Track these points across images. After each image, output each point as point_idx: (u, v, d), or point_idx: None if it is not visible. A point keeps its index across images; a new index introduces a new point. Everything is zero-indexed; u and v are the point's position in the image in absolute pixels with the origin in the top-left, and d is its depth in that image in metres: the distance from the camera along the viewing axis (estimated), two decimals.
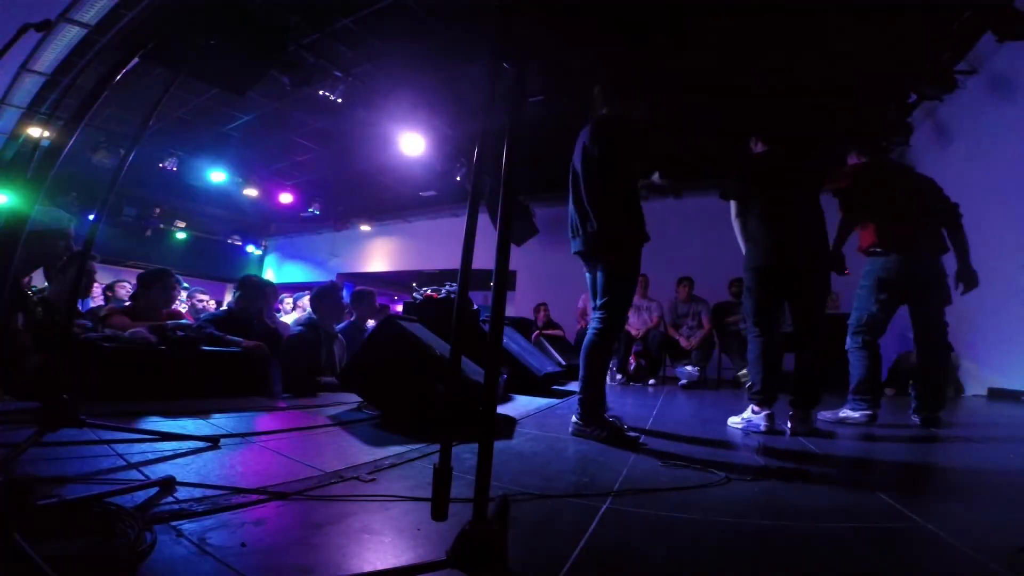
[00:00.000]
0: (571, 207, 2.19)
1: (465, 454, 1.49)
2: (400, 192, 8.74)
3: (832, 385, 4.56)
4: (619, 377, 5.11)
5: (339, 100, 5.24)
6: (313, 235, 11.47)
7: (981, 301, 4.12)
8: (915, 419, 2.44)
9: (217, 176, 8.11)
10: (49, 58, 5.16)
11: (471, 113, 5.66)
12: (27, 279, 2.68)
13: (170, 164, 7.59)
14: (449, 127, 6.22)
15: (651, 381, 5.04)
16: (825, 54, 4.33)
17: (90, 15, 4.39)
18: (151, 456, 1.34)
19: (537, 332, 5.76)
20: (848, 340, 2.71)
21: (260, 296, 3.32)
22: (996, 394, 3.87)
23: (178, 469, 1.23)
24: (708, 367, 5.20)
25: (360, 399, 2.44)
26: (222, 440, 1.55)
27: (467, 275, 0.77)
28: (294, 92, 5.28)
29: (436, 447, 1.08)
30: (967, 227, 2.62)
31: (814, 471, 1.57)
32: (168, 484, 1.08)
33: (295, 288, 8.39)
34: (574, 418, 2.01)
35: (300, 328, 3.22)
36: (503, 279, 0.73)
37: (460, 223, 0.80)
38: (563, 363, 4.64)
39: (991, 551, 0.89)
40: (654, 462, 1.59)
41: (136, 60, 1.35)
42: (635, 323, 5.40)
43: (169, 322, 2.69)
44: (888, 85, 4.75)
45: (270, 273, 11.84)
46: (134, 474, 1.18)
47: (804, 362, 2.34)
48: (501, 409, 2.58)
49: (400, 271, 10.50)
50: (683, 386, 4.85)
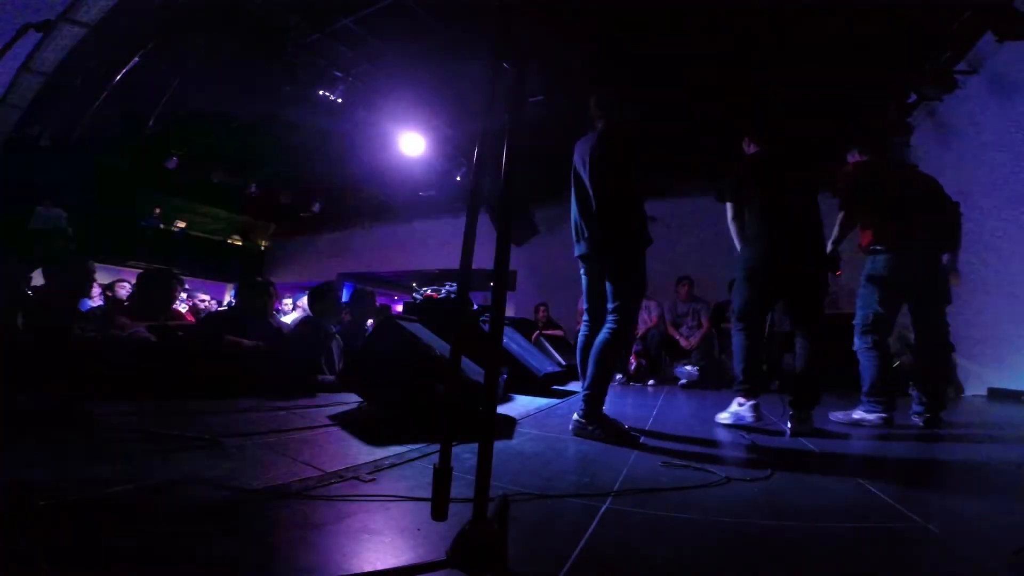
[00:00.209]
0: (575, 212, 2.24)
1: (465, 454, 1.49)
2: (400, 192, 8.74)
3: (832, 385, 4.58)
4: (619, 377, 5.11)
5: (339, 100, 5.24)
6: (313, 235, 11.47)
7: (981, 301, 4.14)
8: (916, 420, 2.43)
9: (220, 175, 8.11)
10: (49, 58, 5.16)
11: (471, 113, 5.66)
12: (27, 278, 2.68)
13: (170, 164, 7.59)
14: (449, 127, 6.22)
15: (651, 381, 5.04)
16: (825, 54, 4.34)
17: (90, 15, 4.39)
18: (151, 456, 1.34)
19: (537, 332, 5.75)
20: (856, 341, 2.65)
21: (261, 296, 3.32)
22: (996, 394, 3.87)
23: (178, 469, 1.23)
24: (708, 367, 5.19)
25: (360, 399, 2.44)
26: (222, 440, 1.55)
27: (467, 275, 0.77)
28: (294, 92, 5.28)
29: (436, 447, 1.08)
30: (966, 226, 2.63)
31: (814, 471, 1.57)
32: (169, 484, 1.08)
33: (295, 288, 8.39)
34: (576, 415, 2.02)
35: (299, 328, 3.20)
36: (503, 279, 0.73)
37: (460, 223, 0.80)
38: (563, 363, 4.64)
39: (991, 551, 0.89)
40: (654, 462, 1.59)
41: (136, 60, 1.35)
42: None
43: (171, 323, 2.69)
44: (888, 85, 4.76)
45: (270, 273, 11.84)
46: (135, 474, 1.18)
47: (803, 362, 2.34)
48: (501, 409, 2.58)
49: (400, 271, 10.50)
50: (683, 386, 4.85)
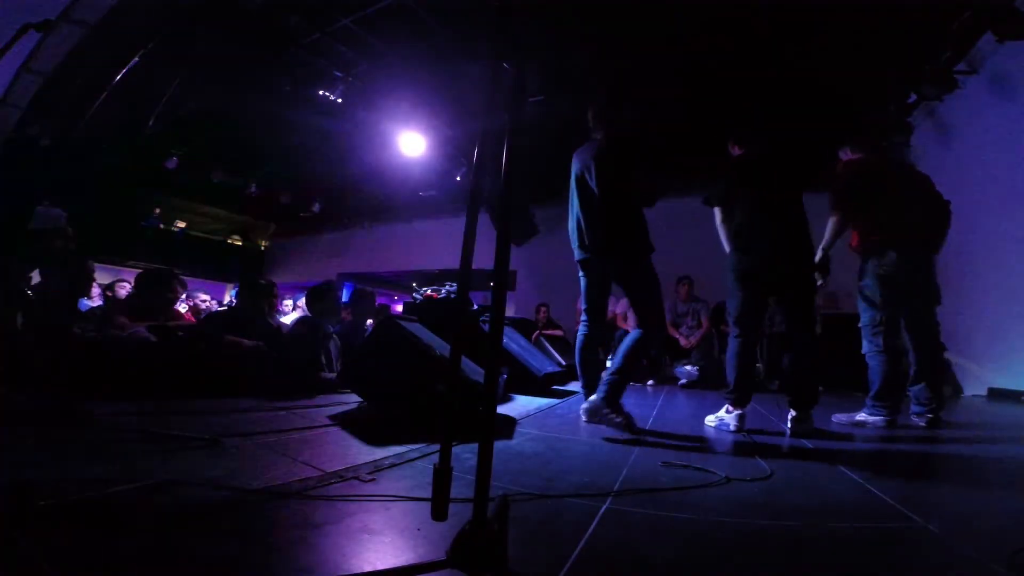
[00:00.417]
0: (579, 217, 2.34)
1: (465, 454, 1.49)
2: (400, 192, 8.74)
3: (833, 386, 4.59)
4: None
5: (339, 100, 5.24)
6: (313, 235, 11.47)
7: (981, 301, 4.14)
8: (916, 420, 2.43)
9: (220, 176, 8.11)
10: (49, 58, 5.16)
11: (471, 113, 5.65)
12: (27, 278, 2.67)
13: (170, 164, 7.59)
14: (449, 127, 6.22)
15: (651, 381, 5.04)
16: (825, 54, 4.34)
17: (90, 15, 4.39)
18: (151, 456, 1.34)
19: (537, 332, 5.75)
20: (865, 344, 2.60)
21: (261, 296, 3.31)
22: (996, 394, 3.87)
23: (178, 469, 1.23)
24: (708, 367, 5.19)
25: (360, 399, 2.44)
26: (222, 440, 1.55)
27: (467, 275, 0.77)
28: (294, 92, 5.28)
29: (436, 447, 1.08)
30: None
31: (814, 471, 1.57)
32: (168, 484, 1.08)
33: (295, 288, 8.40)
34: (594, 397, 2.12)
35: (298, 328, 3.17)
36: (503, 279, 0.73)
37: (460, 223, 0.80)
38: (563, 363, 4.63)
39: (991, 551, 0.89)
40: (654, 462, 1.59)
41: (136, 60, 1.35)
42: (634, 322, 5.40)
43: (171, 323, 2.69)
44: (888, 85, 4.75)
45: (270, 273, 11.84)
46: (134, 474, 1.18)
47: (799, 362, 2.34)
48: (501, 409, 2.58)
49: (400, 271, 10.49)
50: (683, 385, 4.85)
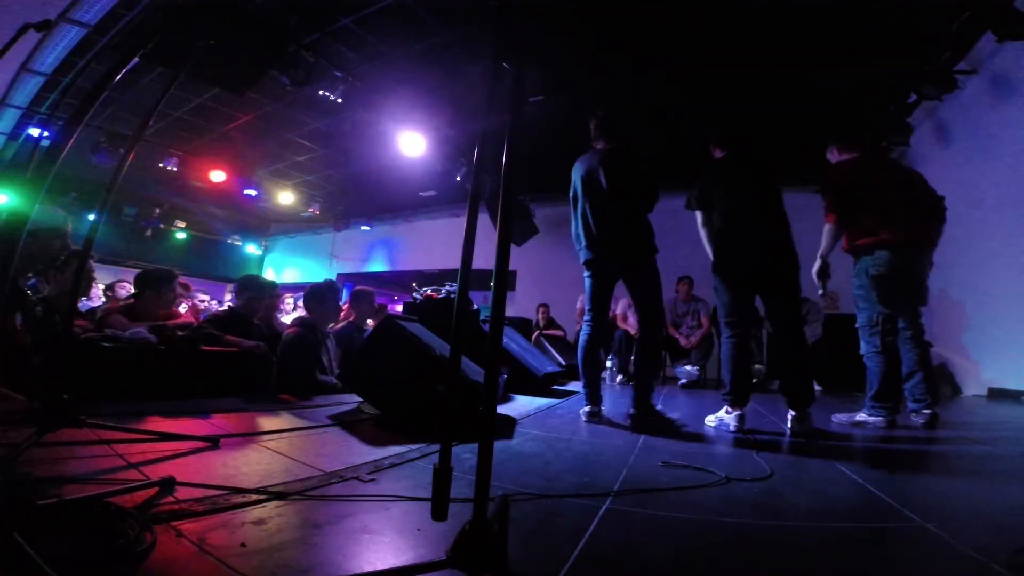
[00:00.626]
0: (587, 220, 2.44)
1: (465, 454, 1.49)
2: (400, 192, 8.74)
3: (833, 386, 4.58)
4: (620, 378, 5.11)
5: (339, 100, 5.24)
6: (313, 235, 11.47)
7: (981, 301, 4.14)
8: (915, 419, 2.43)
9: (217, 176, 8.11)
10: (49, 58, 5.16)
11: (471, 113, 5.65)
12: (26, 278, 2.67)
13: (170, 164, 7.58)
14: (449, 127, 6.22)
15: None
16: (825, 54, 4.34)
17: (90, 15, 4.39)
18: (151, 456, 1.34)
19: (537, 332, 5.76)
20: (863, 345, 2.58)
21: (261, 295, 3.30)
22: (996, 394, 3.87)
23: (178, 469, 1.22)
24: (707, 366, 5.20)
25: (360, 399, 2.44)
26: (222, 440, 1.55)
27: (467, 275, 0.77)
28: (294, 92, 5.28)
29: (436, 447, 1.08)
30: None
31: (814, 471, 1.57)
32: (168, 484, 1.08)
33: (295, 288, 8.40)
34: (632, 409, 2.37)
35: (298, 329, 3.11)
36: (503, 279, 0.73)
37: (460, 223, 0.80)
38: (563, 363, 4.64)
39: (991, 551, 0.88)
40: (654, 462, 1.59)
41: (136, 60, 1.35)
42: (635, 322, 5.40)
43: (171, 322, 2.69)
44: (888, 85, 4.75)
45: (270, 273, 11.84)
46: (134, 474, 1.18)
47: (791, 361, 2.34)
48: (501, 409, 2.59)
49: (400, 271, 10.50)
50: (683, 385, 4.85)
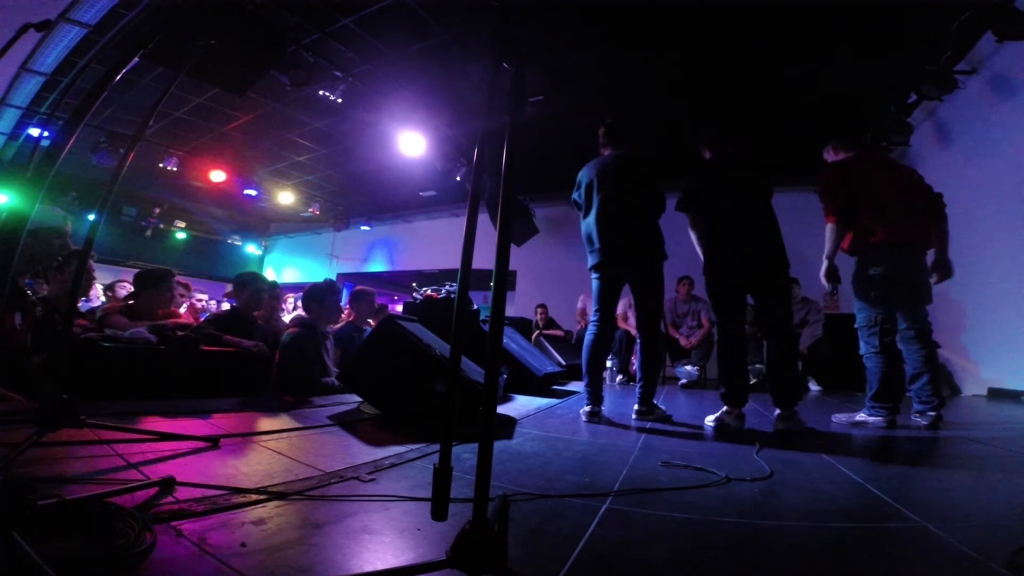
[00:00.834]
0: (599, 225, 2.54)
1: (465, 454, 1.49)
2: (400, 192, 8.74)
3: (832, 386, 4.58)
4: (620, 378, 5.11)
5: (339, 100, 5.24)
6: (313, 235, 11.48)
7: (981, 301, 4.14)
8: (917, 419, 2.43)
9: (217, 176, 8.11)
10: (49, 58, 5.17)
11: (471, 113, 5.65)
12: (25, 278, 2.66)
13: (170, 164, 7.58)
14: (449, 127, 6.22)
15: None
16: (825, 54, 4.34)
17: (90, 15, 4.39)
18: (151, 456, 1.34)
19: (537, 332, 5.76)
20: (862, 345, 2.57)
21: (260, 291, 3.27)
22: (996, 394, 3.87)
23: (178, 469, 1.22)
24: (707, 366, 5.20)
25: (360, 399, 2.44)
26: (222, 440, 1.55)
27: (467, 275, 0.76)
28: (294, 92, 5.28)
29: (436, 447, 1.08)
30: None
31: (814, 471, 1.57)
32: (168, 484, 1.08)
33: (295, 288, 8.40)
34: (636, 407, 2.53)
35: (298, 329, 3.06)
36: (503, 279, 0.73)
37: (460, 223, 0.80)
38: (563, 363, 4.64)
39: (991, 551, 0.88)
40: (654, 462, 1.59)
41: (136, 60, 1.35)
42: (635, 322, 5.40)
43: (170, 321, 2.69)
44: (888, 85, 4.75)
45: (270, 273, 11.84)
46: (134, 474, 1.18)
47: (778, 359, 2.34)
48: (501, 409, 2.59)
49: (400, 271, 10.50)
50: (683, 385, 4.85)
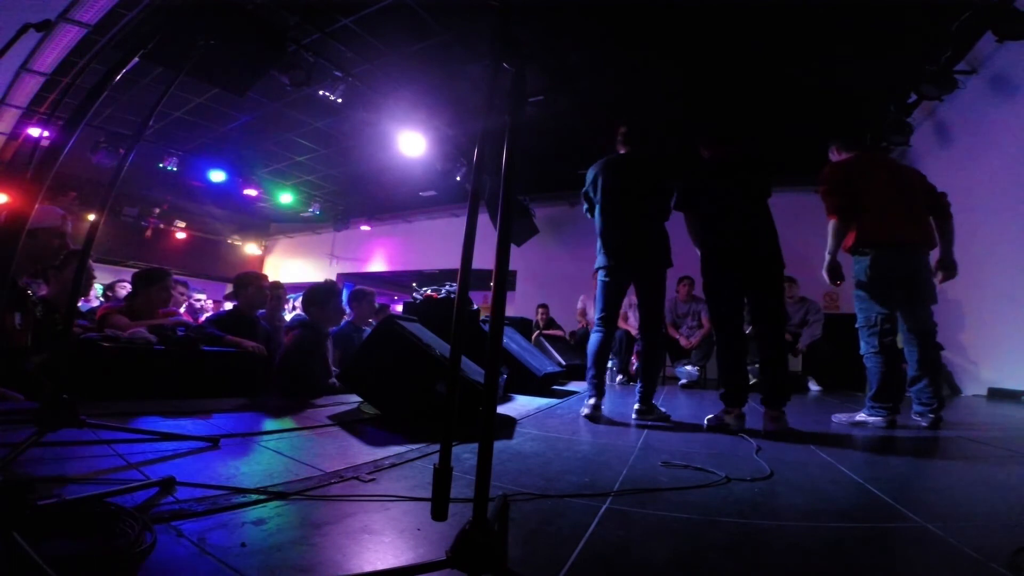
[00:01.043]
0: (606, 226, 2.56)
1: (465, 454, 1.49)
2: (400, 192, 8.74)
3: (832, 386, 4.58)
4: (620, 378, 5.11)
5: (339, 100, 5.24)
6: (313, 235, 11.48)
7: (981, 301, 4.14)
8: (917, 420, 2.43)
9: (217, 176, 8.11)
10: (49, 58, 5.17)
11: (471, 113, 5.65)
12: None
13: (170, 164, 7.59)
14: (449, 127, 6.22)
15: None
16: (825, 54, 4.34)
17: (90, 15, 4.39)
18: (151, 456, 1.34)
19: (537, 332, 5.76)
20: (862, 345, 2.57)
21: (261, 290, 3.26)
22: (996, 394, 3.87)
23: (178, 469, 1.23)
24: (708, 366, 5.20)
25: (360, 399, 2.44)
26: (222, 440, 1.55)
27: (467, 275, 0.76)
28: (294, 92, 5.28)
29: (436, 447, 1.08)
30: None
31: (814, 471, 1.57)
32: (168, 484, 1.08)
33: (295, 288, 8.39)
34: (636, 406, 2.49)
35: (300, 330, 3.07)
36: (503, 279, 0.73)
37: (460, 223, 0.80)
38: (563, 363, 4.64)
39: (991, 551, 0.89)
40: (654, 462, 1.59)
41: (136, 60, 1.35)
42: (635, 323, 5.40)
43: (169, 320, 2.69)
44: (888, 85, 4.75)
45: (270, 273, 11.84)
46: (134, 474, 1.18)
47: (767, 359, 2.34)
48: (501, 409, 2.59)
49: (400, 271, 10.51)
50: (683, 386, 4.85)
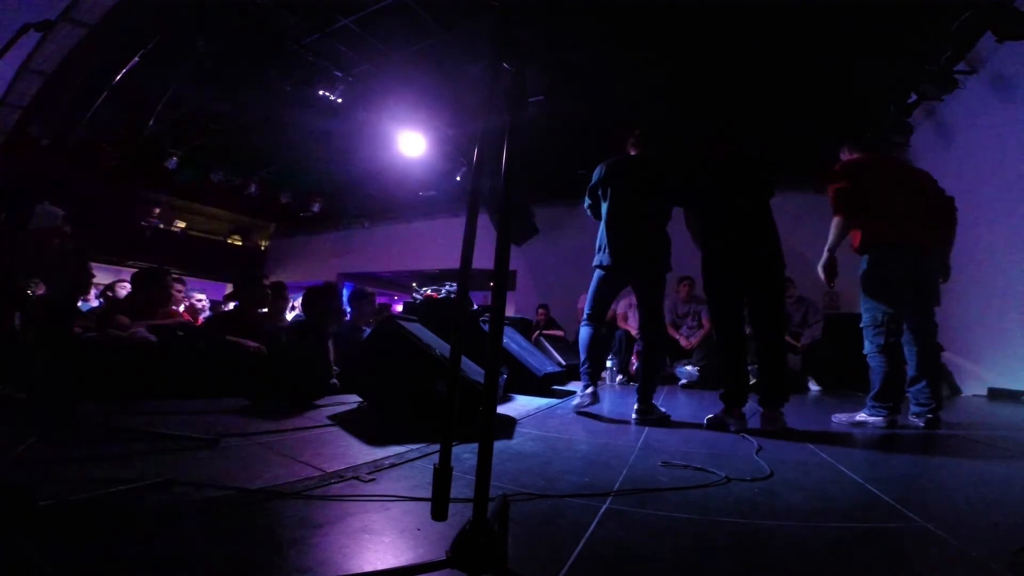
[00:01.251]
0: (613, 225, 2.55)
1: (465, 454, 1.49)
2: (400, 192, 8.74)
3: (832, 386, 4.58)
4: (620, 378, 5.11)
5: (339, 100, 5.24)
6: (313, 235, 11.47)
7: (981, 301, 4.14)
8: (915, 420, 2.43)
9: (218, 176, 8.10)
10: (49, 58, 5.16)
11: (471, 113, 5.65)
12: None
13: (170, 165, 7.58)
14: (449, 127, 6.22)
15: None
16: (825, 54, 4.33)
17: (90, 15, 4.39)
18: (151, 456, 1.34)
19: (537, 332, 5.75)
20: (866, 344, 2.56)
21: (262, 289, 3.27)
22: (996, 394, 3.87)
23: (178, 469, 1.23)
24: (708, 367, 5.19)
25: (360, 399, 2.44)
26: (222, 440, 1.55)
27: (467, 275, 0.77)
28: (294, 92, 5.28)
29: (436, 447, 1.08)
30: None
31: (814, 471, 1.57)
32: (168, 484, 1.08)
33: (295, 288, 8.40)
34: (637, 406, 2.45)
35: (301, 331, 3.04)
36: (503, 279, 0.73)
37: (459, 223, 0.80)
38: (563, 363, 4.63)
39: (991, 551, 0.89)
40: (654, 462, 1.59)
41: (136, 60, 1.35)
42: (635, 323, 5.40)
43: (170, 320, 2.69)
44: (888, 85, 4.75)
45: (270, 273, 11.84)
46: (134, 474, 1.18)
47: (765, 359, 2.34)
48: (501, 409, 2.58)
49: (400, 271, 10.50)
50: (683, 386, 4.85)
